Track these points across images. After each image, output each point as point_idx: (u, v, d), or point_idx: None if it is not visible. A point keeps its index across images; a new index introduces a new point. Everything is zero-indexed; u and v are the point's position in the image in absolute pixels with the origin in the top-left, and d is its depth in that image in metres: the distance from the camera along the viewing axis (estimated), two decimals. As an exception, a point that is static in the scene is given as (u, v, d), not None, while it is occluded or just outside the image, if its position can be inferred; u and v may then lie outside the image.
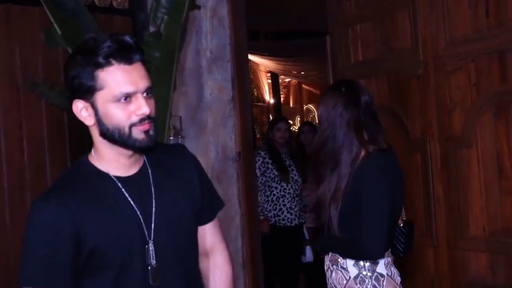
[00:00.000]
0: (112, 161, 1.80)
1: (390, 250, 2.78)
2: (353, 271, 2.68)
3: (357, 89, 2.81)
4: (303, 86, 15.60)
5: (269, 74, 14.13)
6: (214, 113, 4.41)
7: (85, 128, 1.81)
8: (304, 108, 15.42)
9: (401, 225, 2.87)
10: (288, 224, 5.56)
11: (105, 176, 1.78)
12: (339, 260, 2.73)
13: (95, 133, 1.78)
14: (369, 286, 2.64)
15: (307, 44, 9.99)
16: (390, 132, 4.18)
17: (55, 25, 3.54)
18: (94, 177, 1.78)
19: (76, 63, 1.71)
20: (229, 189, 4.41)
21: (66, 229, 1.68)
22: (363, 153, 2.68)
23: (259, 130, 13.86)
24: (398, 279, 2.76)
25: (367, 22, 4.36)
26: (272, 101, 14.41)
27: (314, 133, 6.12)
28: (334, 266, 2.75)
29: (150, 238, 1.77)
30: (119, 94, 1.68)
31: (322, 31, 6.46)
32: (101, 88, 1.69)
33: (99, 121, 1.73)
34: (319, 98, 2.90)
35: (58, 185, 1.80)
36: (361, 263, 2.67)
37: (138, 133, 1.72)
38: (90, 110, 1.73)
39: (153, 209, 1.80)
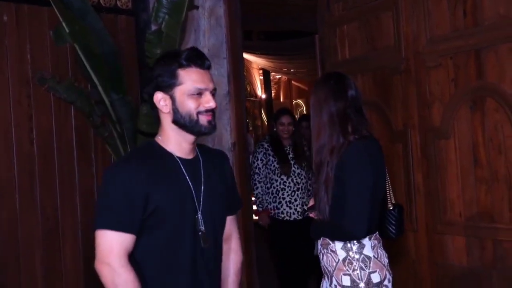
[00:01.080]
0: (176, 145, 2.12)
1: (377, 232, 2.79)
2: (341, 253, 2.69)
3: (345, 82, 2.79)
4: (293, 82, 15.61)
5: (261, 71, 14.14)
6: (211, 106, 4.39)
7: (156, 118, 2.16)
8: (294, 103, 15.44)
9: (391, 208, 2.88)
10: (287, 218, 5.20)
11: (171, 155, 2.11)
12: (329, 243, 2.72)
13: (167, 120, 2.11)
14: (356, 267, 2.65)
15: (297, 43, 9.99)
16: (374, 124, 4.21)
17: (63, 24, 3.55)
18: (162, 155, 2.10)
19: (162, 65, 2.09)
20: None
21: (140, 187, 1.99)
22: (346, 142, 2.68)
23: (251, 123, 13.88)
24: (385, 261, 2.75)
25: (353, 22, 4.39)
26: (264, 96, 14.42)
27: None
28: (325, 250, 2.75)
29: (199, 210, 2.10)
30: (194, 89, 2.05)
31: (311, 31, 6.47)
32: (180, 84, 2.05)
33: (174, 110, 2.07)
34: (312, 89, 2.87)
35: (135, 155, 2.19)
36: (349, 245, 2.67)
37: (203, 121, 2.07)
38: (168, 101, 2.07)
39: (202, 188, 2.12)
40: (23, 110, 3.79)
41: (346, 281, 2.63)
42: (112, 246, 1.97)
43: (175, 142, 2.12)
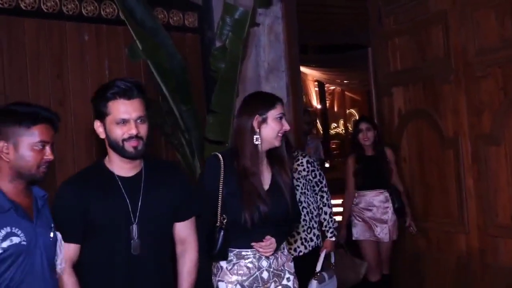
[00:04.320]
0: (116, 164, 2.26)
1: None
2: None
3: None
4: (346, 93, 15.52)
5: (316, 83, 14.12)
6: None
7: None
8: (347, 112, 15.35)
9: None
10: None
11: (111, 174, 2.25)
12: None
13: (107, 143, 2.26)
14: None
15: (349, 56, 9.95)
16: (425, 132, 4.16)
17: (137, 42, 3.65)
18: (104, 174, 2.25)
19: (96, 97, 2.23)
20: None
21: (80, 204, 2.19)
22: None
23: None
24: None
25: (404, 35, 4.35)
26: (319, 106, 14.39)
27: (373, 130, 4.39)
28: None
29: (135, 221, 2.22)
30: (118, 119, 2.17)
31: (362, 44, 6.44)
32: (109, 114, 2.19)
33: (107, 136, 2.22)
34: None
35: (78, 175, 2.32)
36: None
37: (128, 147, 2.18)
38: (102, 129, 2.23)
39: (140, 202, 2.24)
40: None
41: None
42: None
43: (115, 162, 2.25)
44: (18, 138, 2.01)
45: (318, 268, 3.58)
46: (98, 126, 2.23)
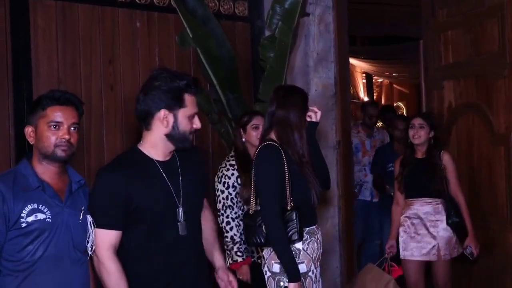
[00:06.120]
0: (159, 151, 2.27)
1: None
2: None
3: None
4: (394, 85, 15.28)
5: (364, 75, 13.93)
6: (318, 106, 4.34)
7: (141, 126, 2.30)
8: (395, 105, 15.09)
9: None
10: None
11: (150, 160, 2.26)
12: None
13: (160, 132, 2.23)
14: None
15: (399, 48, 9.77)
16: (476, 127, 4.05)
17: (188, 29, 3.67)
18: (143, 159, 2.26)
19: (168, 85, 2.21)
20: (330, 174, 4.33)
21: (122, 190, 2.17)
22: None
23: (353, 124, 13.70)
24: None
25: (458, 28, 4.23)
26: (366, 98, 14.20)
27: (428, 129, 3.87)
28: None
29: (179, 204, 2.26)
30: (192, 113, 2.24)
31: (412, 37, 6.30)
32: (185, 106, 2.21)
33: (174, 127, 2.22)
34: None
35: (118, 161, 2.31)
36: None
37: (191, 138, 2.28)
38: (171, 118, 2.22)
39: (180, 184, 2.28)
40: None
41: (276, 268, 2.63)
42: (100, 241, 2.20)
43: (159, 149, 2.27)
44: (37, 120, 2.17)
45: None
46: (166, 115, 2.21)
